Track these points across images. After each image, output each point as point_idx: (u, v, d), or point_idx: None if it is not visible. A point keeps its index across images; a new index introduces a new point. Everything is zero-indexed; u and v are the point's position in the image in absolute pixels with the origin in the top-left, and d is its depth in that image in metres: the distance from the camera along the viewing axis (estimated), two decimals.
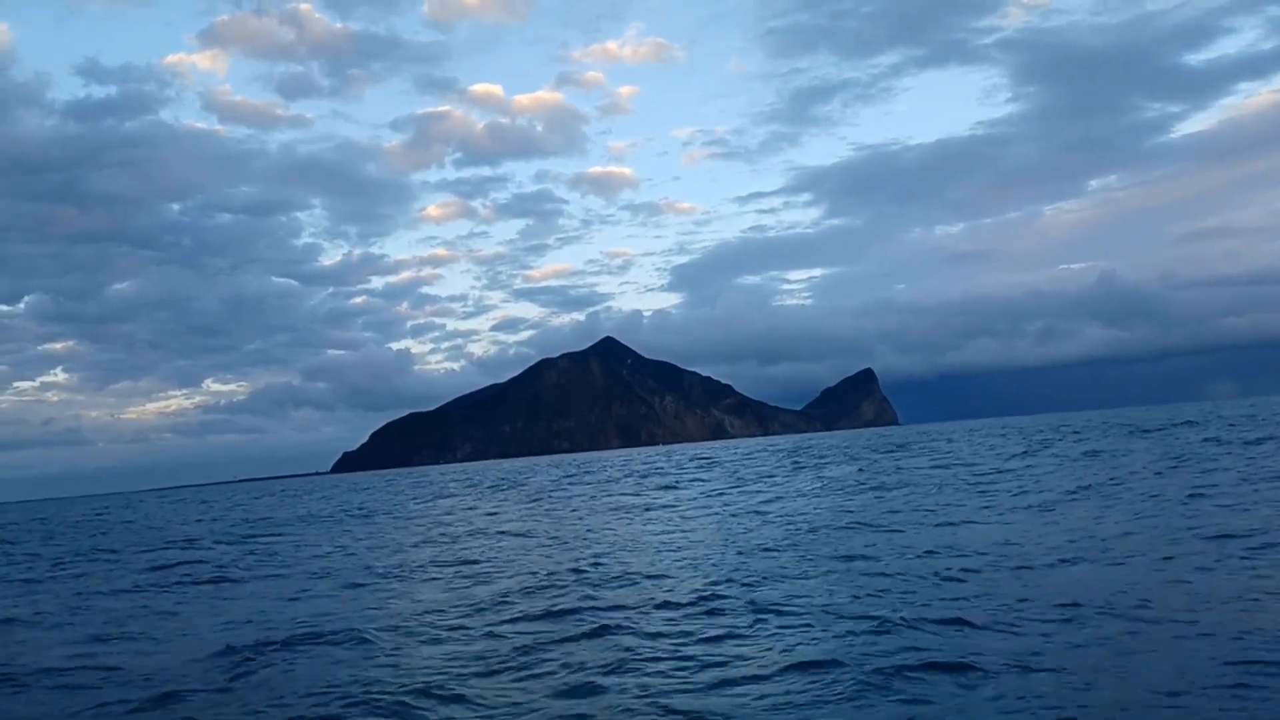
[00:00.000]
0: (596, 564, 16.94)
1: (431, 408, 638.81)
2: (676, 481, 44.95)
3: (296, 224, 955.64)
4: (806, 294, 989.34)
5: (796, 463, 54.03)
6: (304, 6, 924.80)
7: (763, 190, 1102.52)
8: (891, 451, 58.18)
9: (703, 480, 43.95)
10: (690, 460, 78.59)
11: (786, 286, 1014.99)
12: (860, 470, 40.22)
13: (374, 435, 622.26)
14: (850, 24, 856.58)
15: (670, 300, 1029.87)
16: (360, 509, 45.15)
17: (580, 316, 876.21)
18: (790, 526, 20.53)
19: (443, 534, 27.05)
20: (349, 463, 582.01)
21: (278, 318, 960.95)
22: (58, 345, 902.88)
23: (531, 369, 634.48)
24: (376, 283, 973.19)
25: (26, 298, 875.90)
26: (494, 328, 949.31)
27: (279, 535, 32.19)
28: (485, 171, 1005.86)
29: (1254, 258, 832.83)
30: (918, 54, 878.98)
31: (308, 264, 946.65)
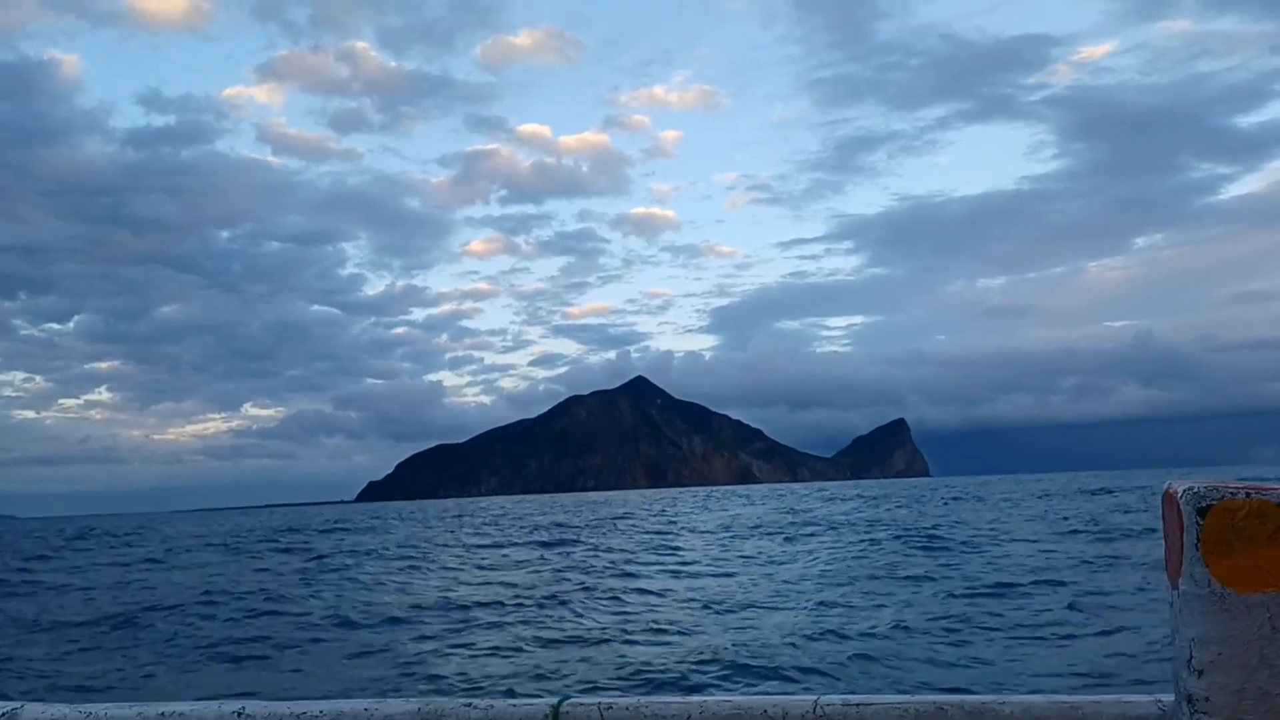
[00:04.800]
0: None
1: (460, 440, 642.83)
2: None
3: (342, 254, 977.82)
4: (845, 341, 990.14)
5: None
6: (360, 45, 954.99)
7: (804, 237, 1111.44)
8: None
9: None
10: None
11: (826, 333, 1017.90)
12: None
13: (400, 465, 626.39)
14: (898, 76, 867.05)
15: (708, 342, 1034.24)
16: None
17: (615, 356, 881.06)
18: None
19: None
20: (374, 492, 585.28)
21: (321, 345, 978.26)
22: (103, 364, 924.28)
23: (560, 405, 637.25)
24: (417, 314, 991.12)
25: (76, 317, 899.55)
26: (532, 363, 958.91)
27: None
28: (529, 209, 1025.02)
29: None
30: (964, 108, 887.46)
31: (351, 294, 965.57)
